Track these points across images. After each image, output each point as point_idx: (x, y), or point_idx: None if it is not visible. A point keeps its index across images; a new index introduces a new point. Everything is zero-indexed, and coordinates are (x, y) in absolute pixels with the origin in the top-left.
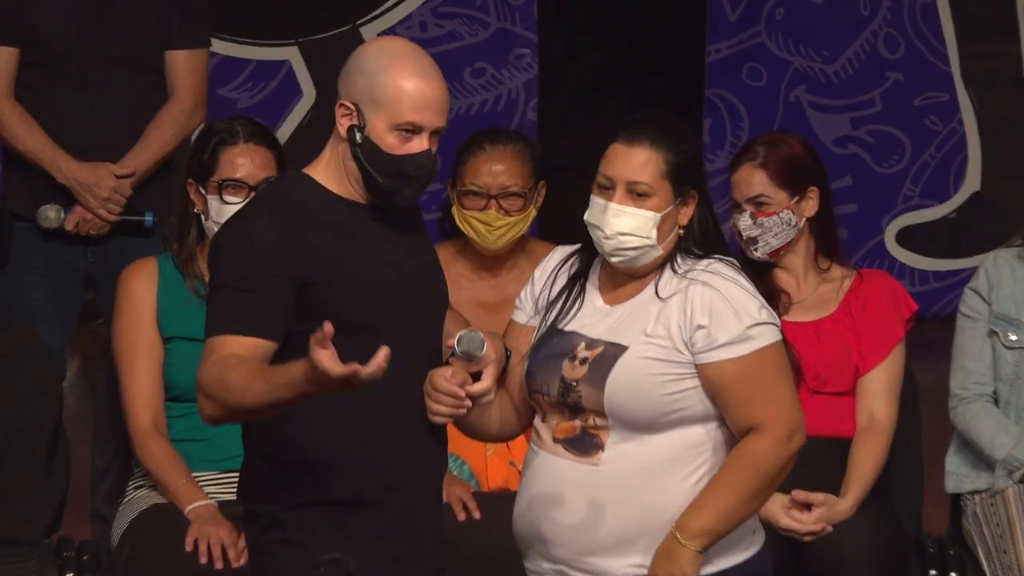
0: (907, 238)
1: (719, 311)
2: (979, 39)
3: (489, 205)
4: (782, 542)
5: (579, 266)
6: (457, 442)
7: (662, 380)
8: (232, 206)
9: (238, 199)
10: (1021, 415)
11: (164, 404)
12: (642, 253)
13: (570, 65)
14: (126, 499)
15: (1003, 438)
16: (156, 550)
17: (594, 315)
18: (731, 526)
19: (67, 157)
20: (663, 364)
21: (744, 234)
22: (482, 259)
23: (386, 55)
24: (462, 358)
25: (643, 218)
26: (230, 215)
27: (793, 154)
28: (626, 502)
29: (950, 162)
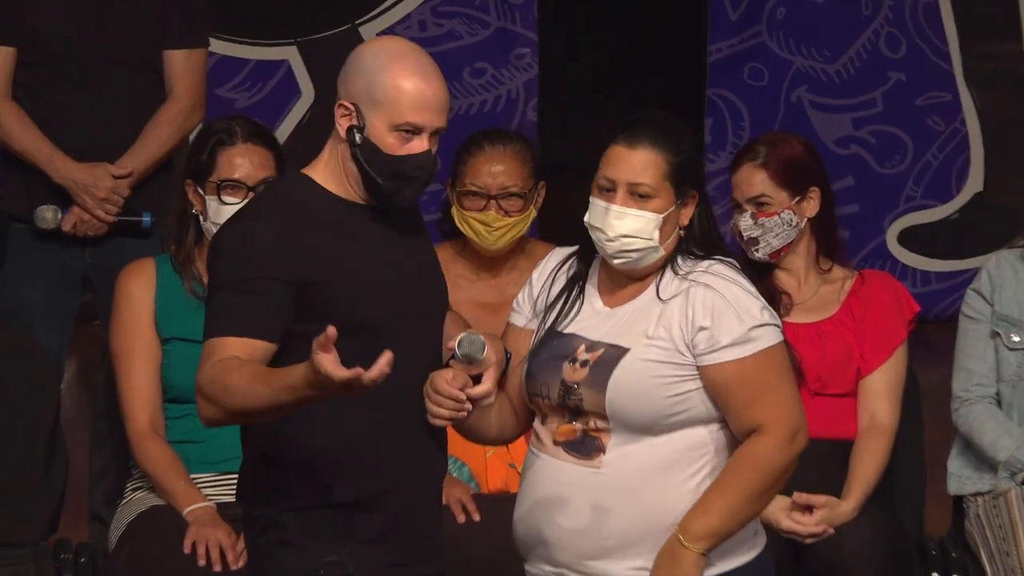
0: (909, 239)
1: (721, 312)
2: (981, 39)
3: (489, 206)
4: (783, 544)
5: (577, 268)
6: (457, 444)
7: (664, 382)
8: (230, 206)
9: (236, 199)
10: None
11: (162, 405)
12: (645, 255)
13: (570, 65)
14: (124, 501)
15: (1006, 440)
16: (154, 552)
17: (594, 317)
18: (734, 528)
19: (64, 157)
20: (665, 366)
21: (745, 234)
22: (482, 260)
23: (385, 55)
24: (463, 361)
25: (646, 220)
26: (229, 216)
27: (794, 154)
28: (628, 505)
29: (952, 162)
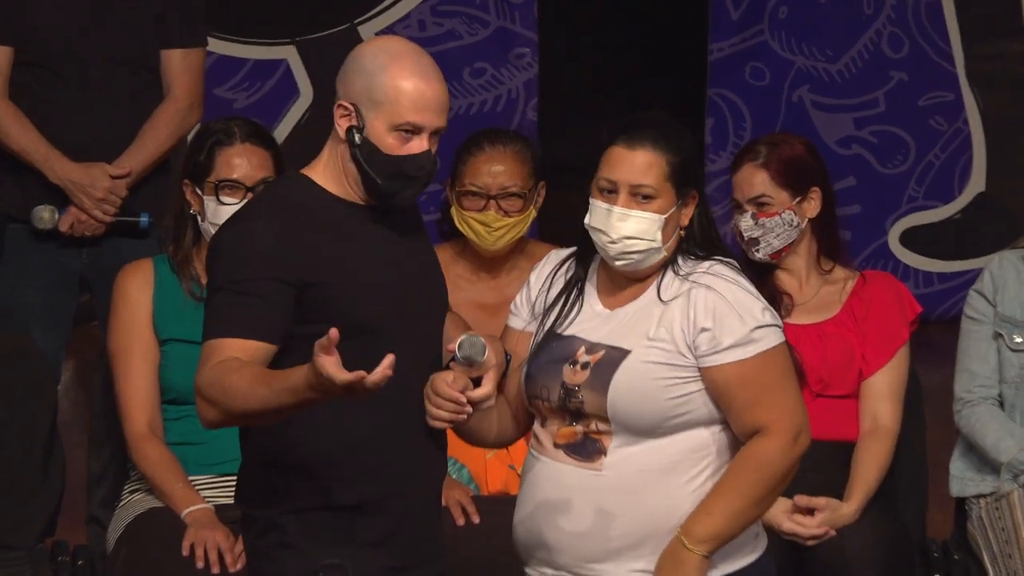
0: (911, 239)
1: (723, 314)
2: (984, 38)
3: (488, 206)
4: (785, 547)
5: (576, 270)
6: (456, 446)
7: (665, 384)
8: (229, 207)
9: (235, 200)
10: None
11: (160, 407)
12: (647, 256)
13: (570, 65)
14: (122, 503)
15: (1008, 441)
16: (152, 555)
17: (593, 319)
18: (737, 530)
19: (61, 157)
20: (666, 368)
21: (746, 235)
22: (481, 260)
23: (385, 55)
24: (463, 363)
25: (649, 221)
26: (227, 216)
27: (795, 154)
28: (630, 507)
29: (955, 163)
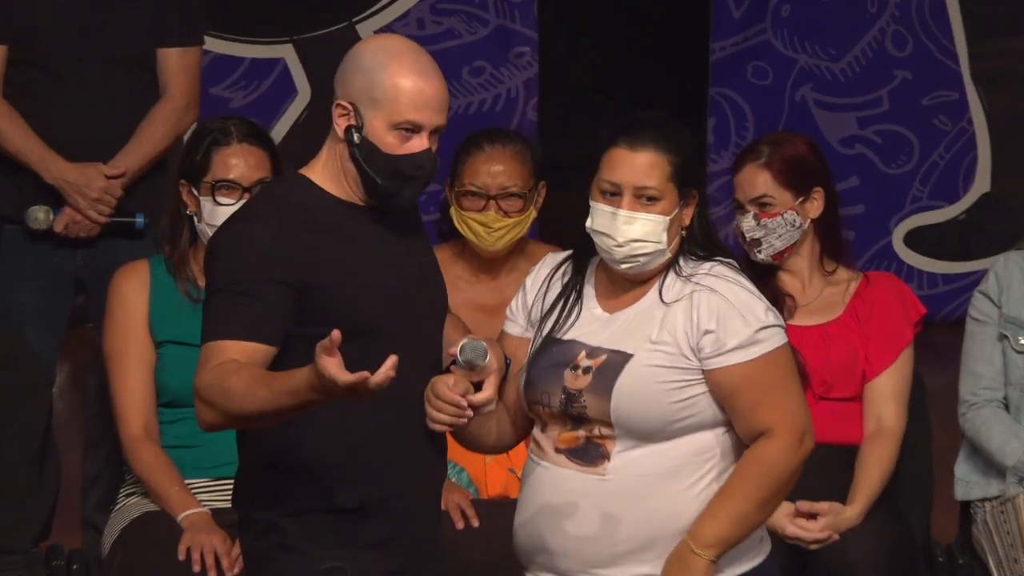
0: (915, 240)
1: (726, 316)
2: (989, 37)
3: (488, 206)
4: (788, 550)
5: (573, 273)
6: (456, 449)
7: (669, 387)
8: (225, 207)
9: (231, 200)
10: None
11: (156, 410)
12: (652, 258)
13: (570, 64)
14: (117, 507)
15: (1014, 444)
16: (148, 559)
17: (593, 323)
18: (744, 534)
19: (56, 157)
20: (670, 371)
21: (747, 235)
22: (481, 261)
23: (383, 53)
24: (464, 367)
25: (654, 223)
26: (224, 217)
27: (798, 154)
28: (634, 511)
29: (959, 162)
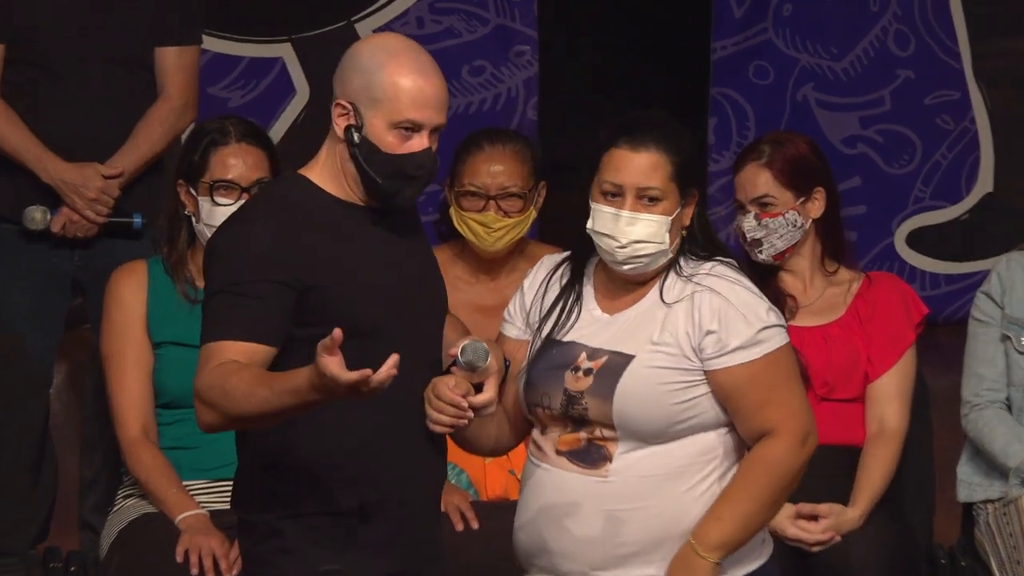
0: (918, 240)
1: (729, 316)
2: (992, 36)
3: (488, 206)
4: (790, 552)
5: (571, 274)
6: (455, 451)
7: (672, 389)
8: (224, 208)
9: (230, 200)
10: None
11: (154, 411)
12: (654, 259)
13: (571, 63)
14: (115, 508)
15: (1016, 446)
16: (146, 560)
17: (593, 324)
18: (748, 535)
19: (53, 157)
20: (672, 372)
21: (748, 236)
22: (480, 262)
23: (383, 52)
24: (465, 368)
25: (657, 223)
26: (222, 217)
27: (799, 154)
28: (637, 513)
29: (962, 162)
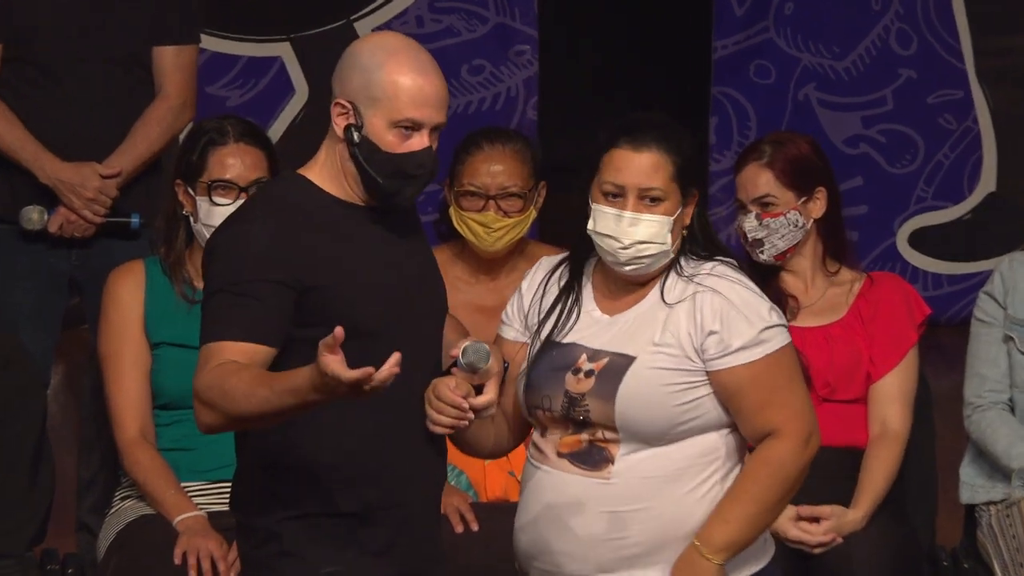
0: (920, 240)
1: (730, 316)
2: (994, 34)
3: (487, 206)
4: (791, 554)
5: (570, 275)
6: (455, 452)
7: (674, 390)
8: (222, 208)
9: (228, 201)
10: None
11: (152, 412)
12: (656, 259)
13: (571, 62)
14: (113, 510)
15: (1020, 447)
16: (144, 562)
17: (592, 326)
18: (752, 537)
19: (51, 156)
20: (674, 373)
21: (750, 236)
22: (480, 262)
23: (382, 51)
24: (466, 369)
25: (659, 224)
26: (220, 217)
27: (800, 153)
28: (640, 514)
29: (964, 162)
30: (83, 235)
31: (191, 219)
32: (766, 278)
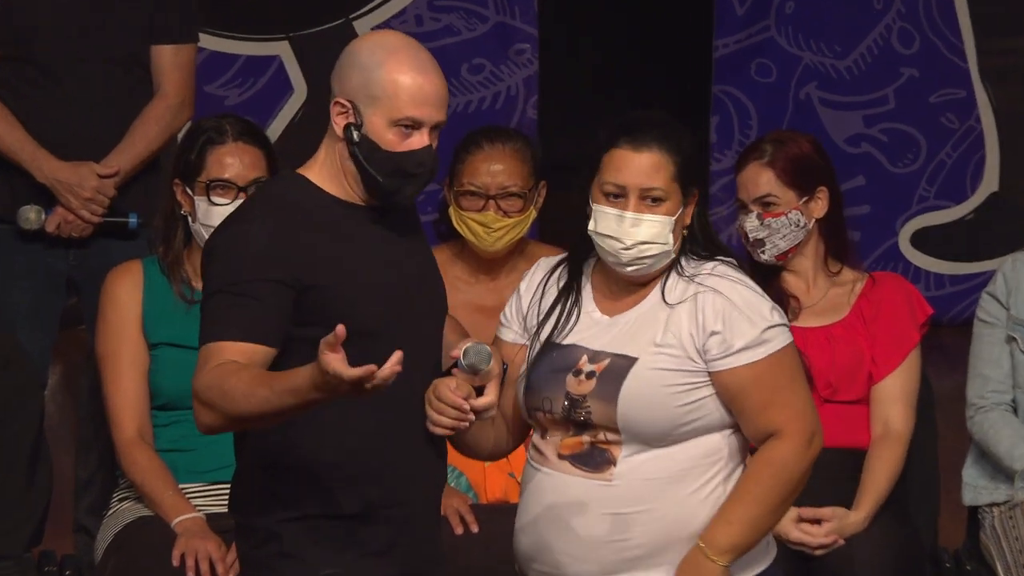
0: (922, 240)
1: (732, 316)
2: (997, 34)
3: (487, 206)
4: (793, 556)
5: (569, 277)
6: (455, 453)
7: (676, 391)
8: (220, 207)
9: (226, 200)
10: None
11: (150, 413)
12: (658, 260)
13: (571, 61)
14: (110, 511)
15: (1022, 448)
16: (141, 564)
17: (593, 327)
18: (757, 538)
19: (48, 156)
20: (676, 374)
21: (751, 236)
22: (480, 262)
23: (381, 49)
24: (467, 371)
25: (661, 224)
26: (219, 217)
27: (802, 153)
28: (643, 516)
29: (967, 161)
30: (81, 235)
31: (189, 219)
32: (767, 278)
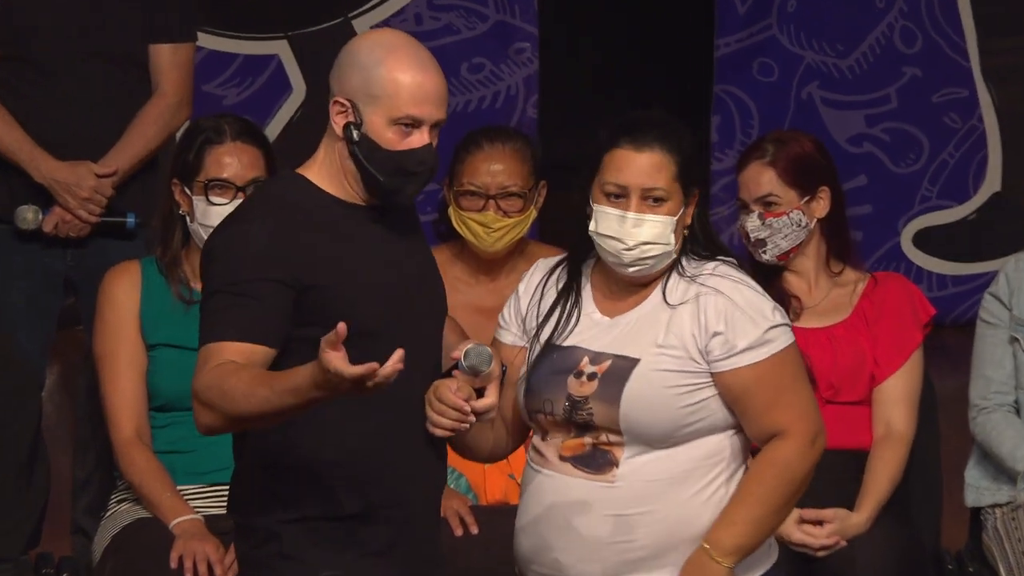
0: (924, 240)
1: (735, 317)
2: (1000, 33)
3: (487, 206)
4: (795, 558)
5: (568, 277)
6: (455, 455)
7: (679, 392)
8: (219, 207)
9: (225, 200)
10: None
11: (148, 413)
12: (660, 260)
13: (572, 60)
14: (108, 513)
15: None
16: (139, 566)
17: (593, 328)
18: (761, 539)
19: (46, 156)
20: (678, 375)
21: (752, 235)
22: (480, 262)
23: (380, 48)
24: (468, 372)
25: (663, 224)
26: (217, 217)
27: (803, 152)
28: (645, 517)
29: (969, 161)
30: (78, 235)
31: (187, 219)
32: (769, 278)
